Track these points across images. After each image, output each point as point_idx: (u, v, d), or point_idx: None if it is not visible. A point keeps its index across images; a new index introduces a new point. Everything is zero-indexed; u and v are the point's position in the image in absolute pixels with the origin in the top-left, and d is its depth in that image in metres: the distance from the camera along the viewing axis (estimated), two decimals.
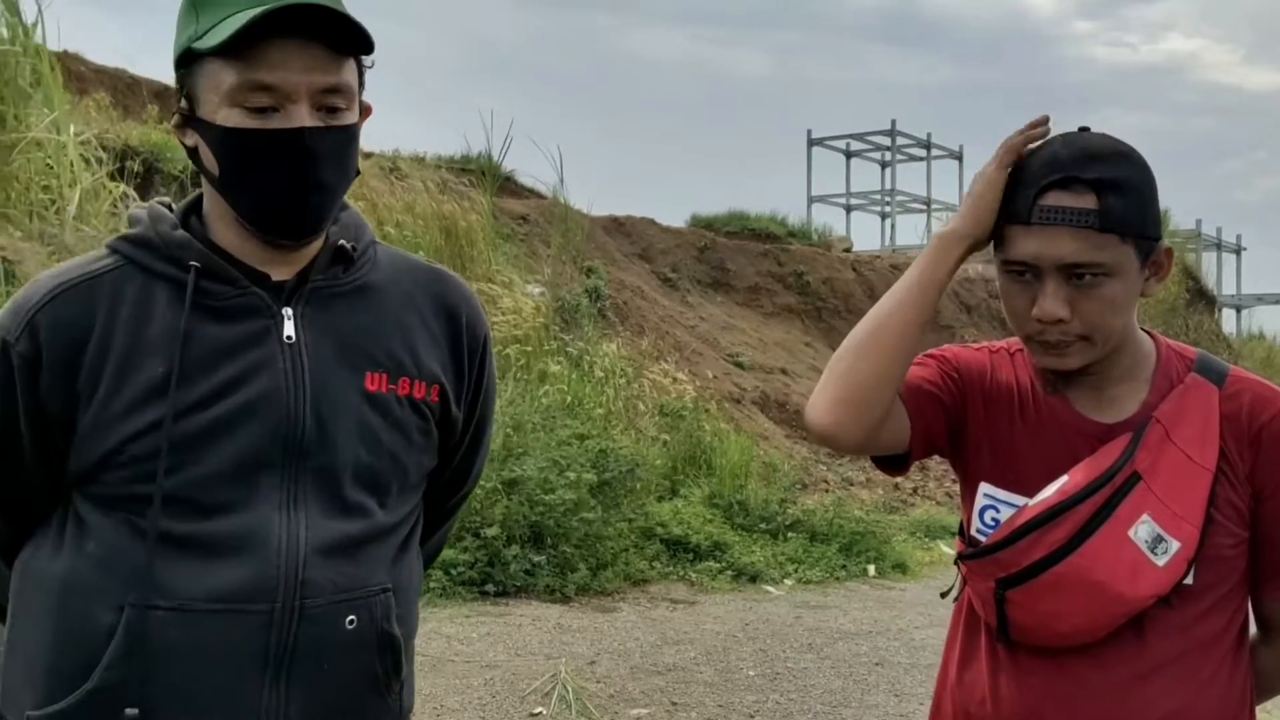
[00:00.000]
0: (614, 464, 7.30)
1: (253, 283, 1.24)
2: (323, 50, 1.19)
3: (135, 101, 10.62)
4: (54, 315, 1.20)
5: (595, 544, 6.84)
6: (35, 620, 1.23)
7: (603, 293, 10.98)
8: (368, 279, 1.32)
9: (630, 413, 9.36)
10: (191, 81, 1.22)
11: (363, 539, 1.26)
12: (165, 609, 1.17)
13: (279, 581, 1.19)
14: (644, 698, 4.71)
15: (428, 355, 1.33)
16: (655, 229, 13.21)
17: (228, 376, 1.21)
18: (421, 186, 10.61)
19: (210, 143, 1.21)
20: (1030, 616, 1.36)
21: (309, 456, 1.23)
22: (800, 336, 12.97)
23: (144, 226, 1.26)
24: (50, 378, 1.19)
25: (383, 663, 1.28)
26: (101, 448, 1.19)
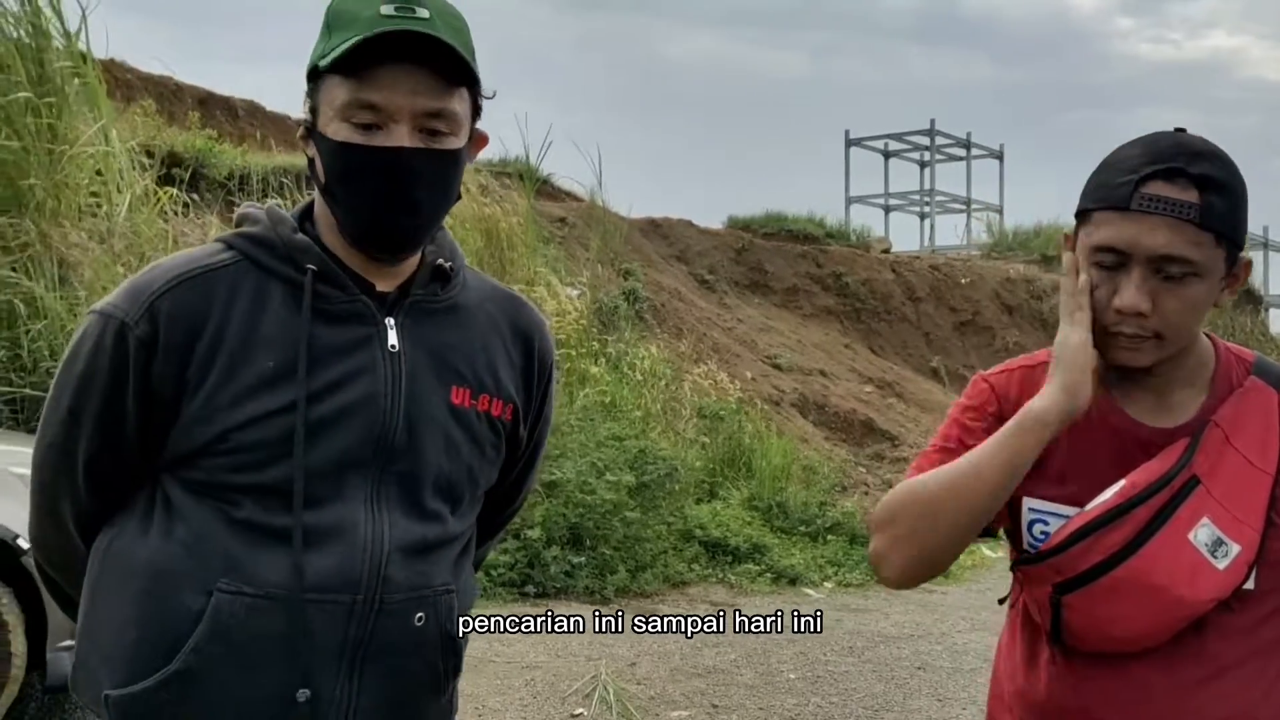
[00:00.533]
0: (653, 466, 7.31)
1: (361, 290, 1.30)
2: (430, 77, 1.24)
3: (180, 108, 10.79)
4: (174, 302, 1.25)
5: (634, 546, 6.85)
6: (119, 601, 1.26)
7: (640, 295, 11.00)
8: (459, 299, 1.39)
9: (669, 415, 9.36)
10: (316, 96, 1.29)
11: (435, 544, 1.32)
12: (253, 595, 1.21)
13: (363, 575, 1.24)
14: (684, 700, 4.70)
15: (506, 376, 1.40)
16: (692, 231, 13.21)
17: (334, 377, 1.26)
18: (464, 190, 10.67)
19: (321, 154, 1.28)
20: (1087, 621, 1.34)
21: (396, 460, 1.28)
22: (839, 338, 12.90)
23: (264, 227, 1.32)
24: (164, 363, 1.24)
25: (444, 662, 1.34)
26: (205, 435, 1.23)
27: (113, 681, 1.24)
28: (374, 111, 1.23)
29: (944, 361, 13.41)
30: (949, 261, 15.59)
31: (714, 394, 9.97)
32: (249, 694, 1.22)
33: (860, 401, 11.32)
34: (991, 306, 14.39)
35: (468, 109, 1.30)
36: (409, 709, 1.32)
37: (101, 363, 1.25)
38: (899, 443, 10.77)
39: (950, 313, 14.10)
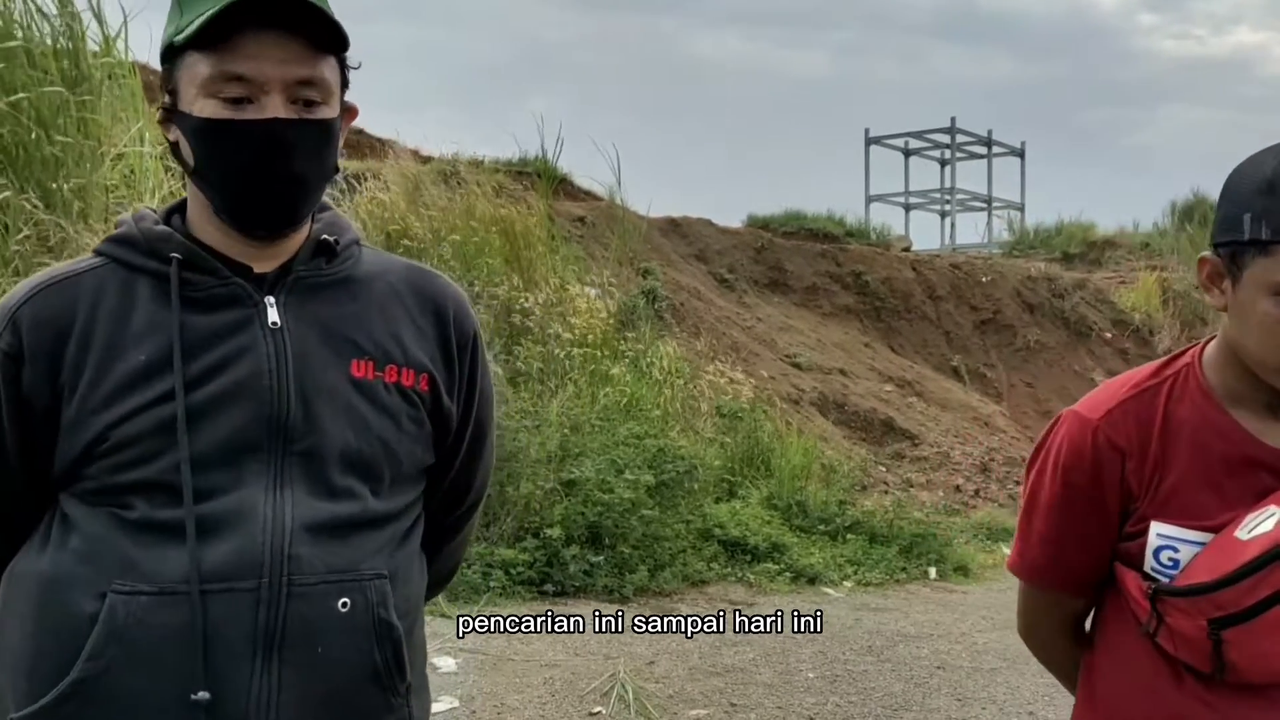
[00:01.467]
0: (672, 465, 7.31)
1: (234, 274, 1.26)
2: (299, 44, 1.20)
3: None
4: (35, 311, 1.22)
5: (653, 544, 6.85)
6: (18, 621, 1.22)
7: (659, 294, 11.00)
8: (351, 272, 1.33)
9: (688, 413, 9.37)
10: (174, 76, 1.23)
11: (354, 522, 1.25)
12: (149, 593, 1.16)
13: (265, 556, 1.18)
14: (703, 699, 4.71)
15: (414, 345, 1.33)
16: (712, 230, 13.20)
17: (212, 362, 1.22)
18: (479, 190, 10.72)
19: (187, 134, 1.23)
20: (1251, 656, 1.31)
21: (295, 440, 1.23)
22: (859, 337, 12.86)
23: (126, 227, 1.29)
24: (33, 372, 1.21)
25: (382, 653, 1.25)
26: (84, 438, 1.20)
27: (16, 703, 1.19)
28: (242, 83, 1.19)
29: (964, 360, 13.34)
30: (970, 260, 15.51)
31: (732, 393, 9.97)
32: (153, 698, 1.16)
33: (880, 400, 11.29)
34: (1013, 305, 14.31)
35: (337, 77, 1.26)
36: (346, 703, 1.23)
37: None
38: (919, 441, 10.74)
39: (971, 311, 14.03)
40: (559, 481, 6.74)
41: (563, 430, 7.29)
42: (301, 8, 1.18)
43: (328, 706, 1.22)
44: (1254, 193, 1.29)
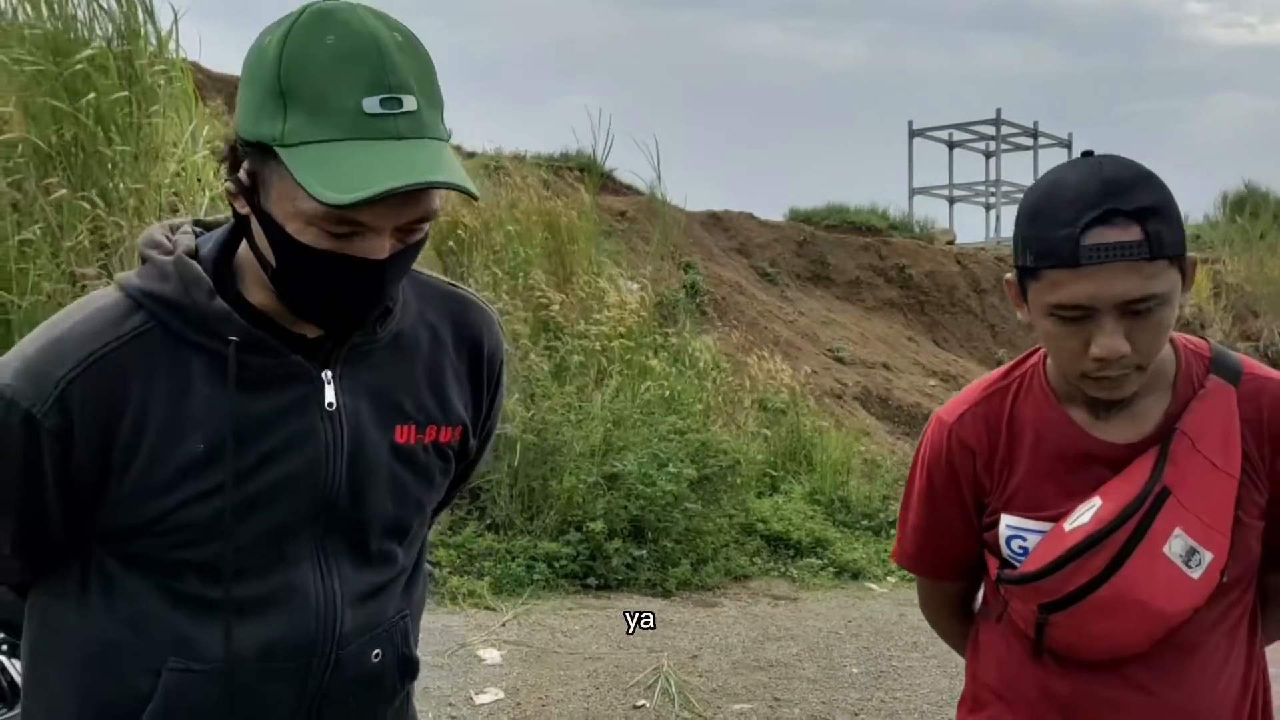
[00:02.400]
0: (714, 459, 7.31)
1: (288, 344, 1.19)
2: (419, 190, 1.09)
3: None
4: (85, 389, 1.13)
5: (696, 539, 6.86)
6: (63, 674, 1.22)
7: (701, 288, 10.99)
8: (399, 327, 1.29)
9: (729, 408, 9.35)
10: (261, 168, 1.11)
11: (389, 583, 1.31)
12: (202, 671, 1.18)
13: (318, 637, 1.22)
14: (746, 693, 4.71)
15: (455, 397, 1.34)
16: (753, 223, 13.16)
17: (270, 447, 1.18)
18: (523, 185, 10.76)
19: (273, 241, 1.13)
20: (1073, 636, 1.42)
21: (339, 515, 1.24)
22: (903, 330, 12.76)
23: (174, 288, 1.17)
24: (82, 452, 1.15)
25: (402, 682, 1.34)
26: (138, 518, 1.17)
27: None
28: (355, 225, 1.09)
29: (1010, 354, 13.17)
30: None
31: (774, 387, 9.94)
32: None
33: (924, 395, 11.20)
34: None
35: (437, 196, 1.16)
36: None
37: (13, 453, 1.14)
38: None
39: None
40: (601, 475, 6.76)
41: (605, 424, 7.31)
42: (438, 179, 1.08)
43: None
44: (1024, 219, 1.37)
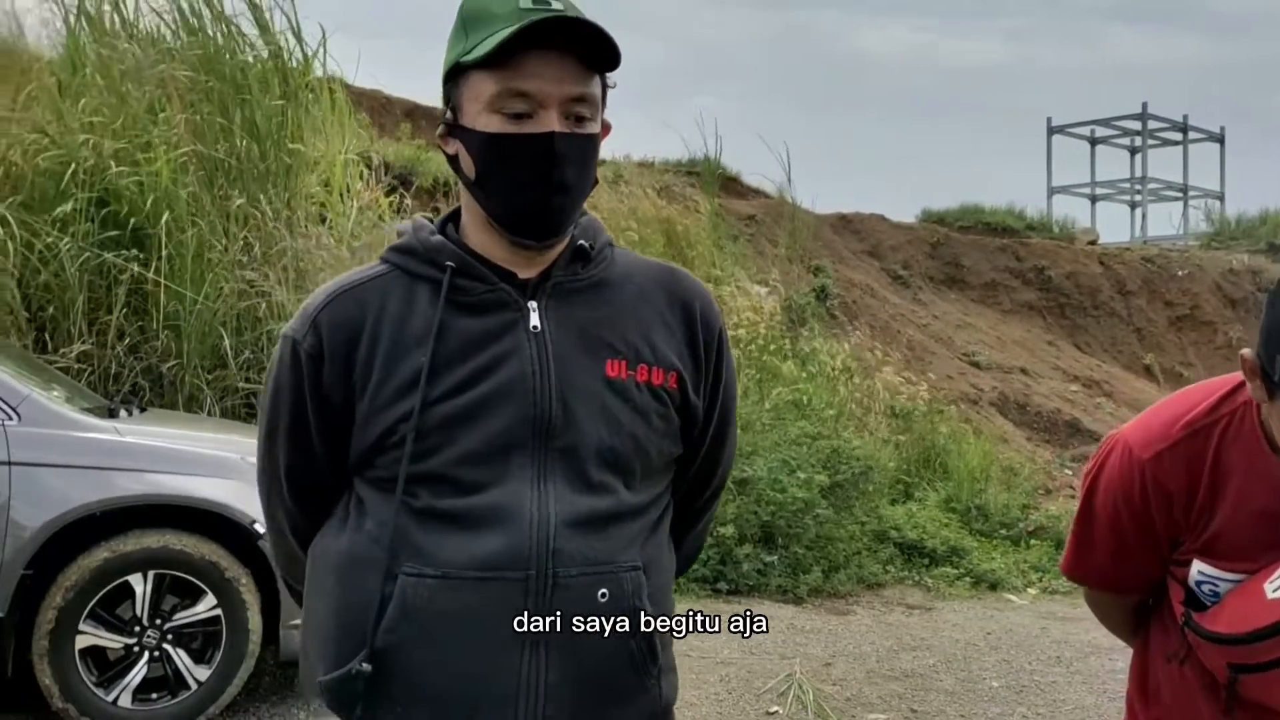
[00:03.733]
0: (846, 465, 7.20)
1: (501, 280, 1.34)
2: (574, 63, 1.28)
3: (389, 120, 11.41)
4: (332, 314, 1.33)
5: (827, 545, 6.78)
6: (322, 595, 1.35)
7: (831, 291, 10.86)
8: (604, 275, 1.40)
9: (860, 413, 9.21)
10: (457, 93, 1.32)
11: (609, 516, 1.32)
12: (433, 576, 1.27)
13: (532, 550, 1.27)
14: (881, 703, 4.62)
15: (664, 344, 1.39)
16: (884, 225, 12.93)
17: (479, 365, 1.30)
18: (642, 192, 10.83)
19: (470, 148, 1.31)
20: (1263, 697, 1.38)
21: (555, 437, 1.30)
22: (1042, 335, 12.34)
23: (408, 236, 1.38)
24: (331, 371, 1.32)
25: (636, 641, 1.33)
26: (375, 432, 1.30)
27: (323, 668, 1.31)
28: (524, 99, 1.26)
29: (1158, 359, 12.61)
30: (1163, 253, 14.64)
31: (907, 392, 9.74)
32: (438, 671, 1.27)
33: (1065, 400, 10.80)
34: (1212, 300, 13.43)
35: (600, 96, 1.33)
36: (606, 687, 1.32)
37: (284, 380, 1.34)
38: None
39: (1165, 307, 13.25)
40: (731, 480, 6.73)
41: None
42: (580, 30, 1.26)
43: (586, 688, 1.30)
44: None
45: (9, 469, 3.61)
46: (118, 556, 3.68)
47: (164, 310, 6.25)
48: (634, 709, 1.35)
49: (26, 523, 3.59)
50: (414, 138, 10.35)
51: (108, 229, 6.35)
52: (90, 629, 3.68)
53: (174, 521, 3.80)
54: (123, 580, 3.70)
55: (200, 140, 6.75)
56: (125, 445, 3.85)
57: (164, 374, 6.24)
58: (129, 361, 6.20)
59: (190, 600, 3.80)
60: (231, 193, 6.70)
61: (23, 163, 6.50)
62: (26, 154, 6.50)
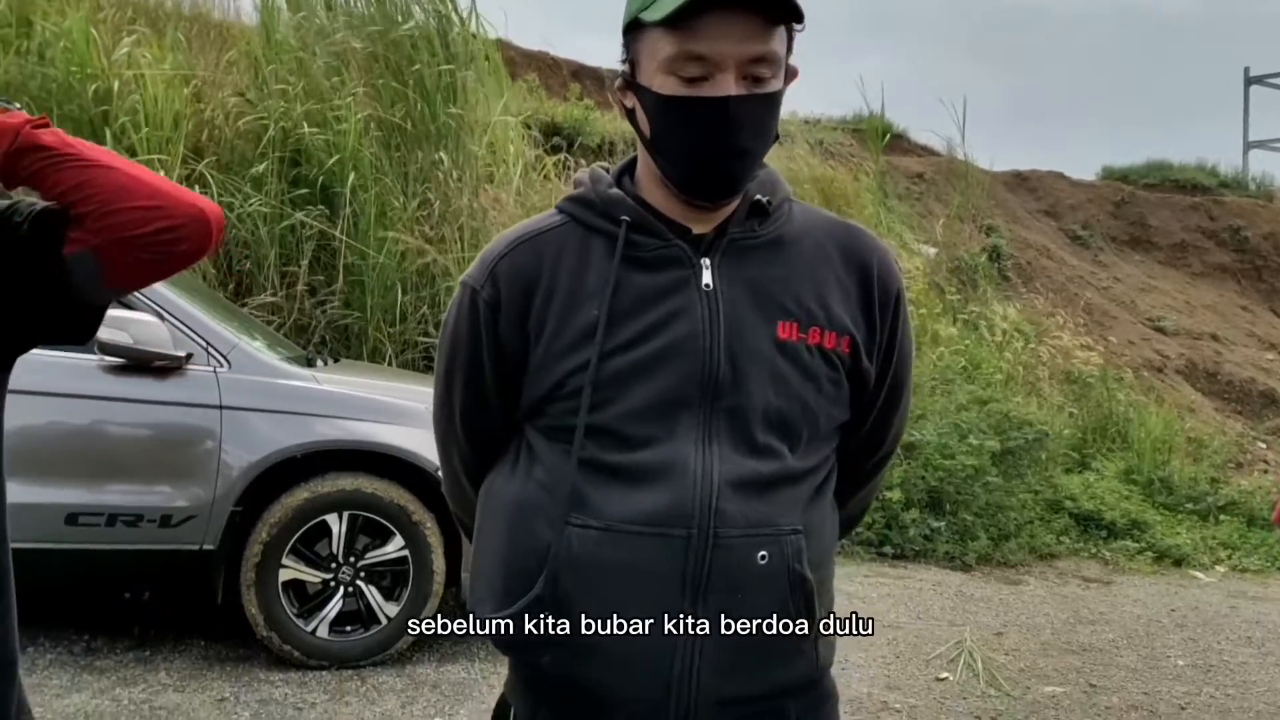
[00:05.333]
0: (1018, 431, 6.97)
1: (675, 236, 1.33)
2: (756, 20, 1.23)
3: (556, 81, 11.56)
4: (510, 264, 1.35)
5: (997, 513, 6.59)
6: (492, 537, 1.38)
7: (1004, 252, 10.46)
8: (781, 231, 1.36)
9: (1031, 379, 8.88)
10: (635, 49, 1.30)
11: (773, 479, 1.30)
12: (597, 528, 1.28)
13: (695, 508, 1.26)
14: (1057, 675, 4.49)
15: (839, 307, 1.35)
16: (1063, 183, 12.35)
17: (651, 321, 1.29)
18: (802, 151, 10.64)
19: (646, 107, 1.29)
20: None
21: (722, 397, 1.29)
22: (1235, 299, 11.57)
23: (585, 188, 1.38)
24: (507, 320, 1.34)
25: (795, 602, 1.31)
26: (547, 382, 1.31)
27: (492, 607, 1.34)
28: (701, 63, 1.23)
29: None
30: None
31: (1083, 357, 9.32)
32: (600, 620, 1.28)
33: (1260, 370, 10.13)
34: None
35: (785, 46, 1.28)
36: (763, 647, 1.31)
37: (462, 326, 1.37)
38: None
39: None
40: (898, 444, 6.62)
41: None
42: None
43: (743, 648, 1.29)
44: None
45: (220, 413, 3.87)
46: (317, 497, 3.91)
47: (347, 266, 6.56)
48: (791, 669, 1.35)
49: (236, 463, 3.86)
50: (581, 98, 10.45)
51: (297, 188, 6.69)
52: (292, 564, 3.93)
53: (365, 466, 4.01)
54: (320, 519, 3.93)
55: (377, 103, 7.01)
56: (323, 393, 4.07)
57: (348, 327, 6.56)
58: (315, 314, 6.55)
59: (380, 541, 4.01)
60: (409, 155, 6.95)
61: (224, 126, 6.91)
62: (228, 117, 6.90)
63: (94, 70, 6.58)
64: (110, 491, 3.79)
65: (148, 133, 6.42)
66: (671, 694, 1.28)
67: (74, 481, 3.77)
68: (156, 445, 3.89)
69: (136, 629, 4.26)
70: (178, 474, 3.85)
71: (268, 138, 6.68)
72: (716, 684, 1.29)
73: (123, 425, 3.88)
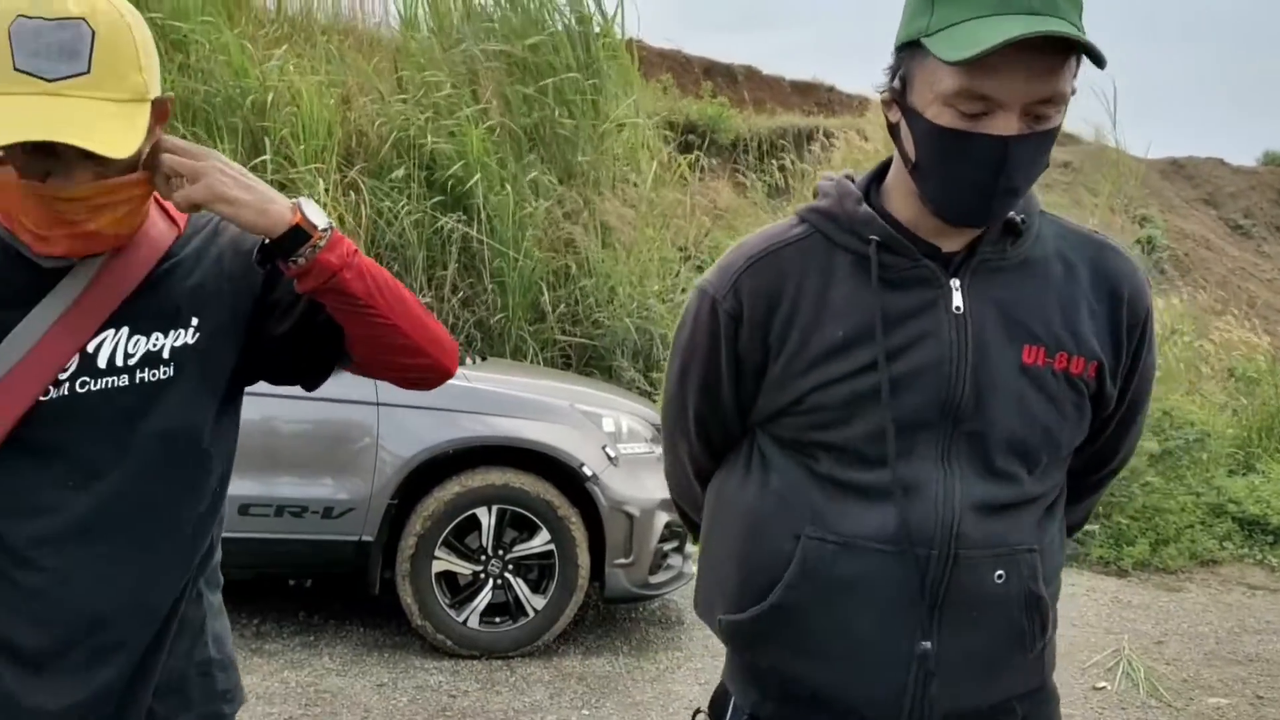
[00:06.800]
0: (1178, 431, 6.66)
1: (924, 254, 1.30)
2: (1047, 59, 1.16)
3: (688, 79, 11.60)
4: (753, 280, 1.35)
5: (1155, 517, 6.31)
6: (726, 540, 1.41)
7: (1159, 243, 10.01)
8: (1031, 252, 1.33)
9: (1192, 375, 8.46)
10: (910, 67, 1.24)
11: (1011, 504, 1.31)
12: (834, 543, 1.30)
13: (936, 531, 1.27)
14: (1222, 686, 4.28)
15: (1088, 330, 1.32)
16: (1223, 170, 11.72)
17: (900, 342, 1.28)
18: None
19: (915, 130, 1.25)
20: None
21: (964, 421, 1.28)
22: None
23: (832, 201, 1.35)
24: (748, 334, 1.35)
25: (1029, 620, 1.33)
26: (786, 397, 1.32)
27: (724, 608, 1.39)
28: (985, 102, 1.18)
29: None
30: None
31: (1248, 353, 8.83)
32: (835, 632, 1.30)
33: None
34: None
35: (1072, 81, 1.21)
36: (995, 663, 1.32)
37: (700, 332, 1.38)
38: None
39: None
40: None
41: None
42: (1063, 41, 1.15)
43: (977, 663, 1.32)
44: None
45: (377, 409, 4.04)
46: (467, 491, 4.04)
47: (490, 267, 6.73)
48: (1022, 679, 1.37)
49: (392, 458, 4.02)
50: (715, 95, 10.46)
51: (435, 193, 6.91)
52: (444, 555, 4.08)
53: (513, 461, 4.11)
54: (471, 513, 4.06)
55: (509, 109, 7.17)
56: (474, 390, 4.20)
57: (492, 326, 6.74)
58: (463, 314, 6.75)
59: (527, 534, 4.11)
60: (546, 157, 7.08)
61: (371, 132, 7.18)
62: (374, 124, 7.17)
63: (251, 83, 6.92)
64: (278, 484, 4.00)
65: (305, 144, 6.73)
66: (904, 706, 1.30)
67: (247, 474, 3.99)
68: (320, 440, 4.09)
69: (301, 614, 4.48)
70: (339, 468, 4.03)
71: (400, 144, 6.91)
72: (950, 697, 1.31)
73: (289, 421, 4.09)
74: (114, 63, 1.14)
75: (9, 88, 1.10)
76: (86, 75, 1.12)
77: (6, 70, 1.10)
